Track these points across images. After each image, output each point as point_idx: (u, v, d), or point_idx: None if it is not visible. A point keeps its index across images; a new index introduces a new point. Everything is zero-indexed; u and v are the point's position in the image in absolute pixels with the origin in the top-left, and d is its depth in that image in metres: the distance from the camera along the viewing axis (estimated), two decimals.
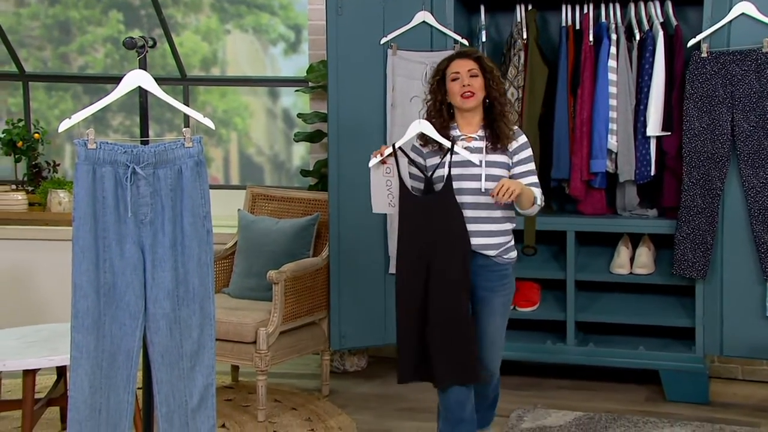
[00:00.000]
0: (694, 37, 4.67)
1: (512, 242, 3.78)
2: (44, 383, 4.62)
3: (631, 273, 4.95)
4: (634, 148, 4.87)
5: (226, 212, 5.53)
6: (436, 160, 3.68)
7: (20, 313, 5.64)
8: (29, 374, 3.99)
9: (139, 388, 3.03)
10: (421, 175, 3.70)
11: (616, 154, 4.88)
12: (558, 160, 4.93)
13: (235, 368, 5.17)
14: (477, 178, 3.62)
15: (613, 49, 4.84)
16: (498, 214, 3.68)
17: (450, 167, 3.59)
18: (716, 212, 4.67)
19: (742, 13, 4.58)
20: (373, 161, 3.66)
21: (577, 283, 4.97)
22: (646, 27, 4.89)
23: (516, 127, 3.74)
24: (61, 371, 4.31)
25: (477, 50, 3.85)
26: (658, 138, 4.85)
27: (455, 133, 3.71)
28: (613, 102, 4.86)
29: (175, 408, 2.96)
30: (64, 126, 2.93)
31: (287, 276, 4.66)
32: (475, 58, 3.72)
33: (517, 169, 3.69)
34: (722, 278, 4.72)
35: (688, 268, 4.73)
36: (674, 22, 4.85)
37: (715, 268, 4.72)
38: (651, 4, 4.89)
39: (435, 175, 3.65)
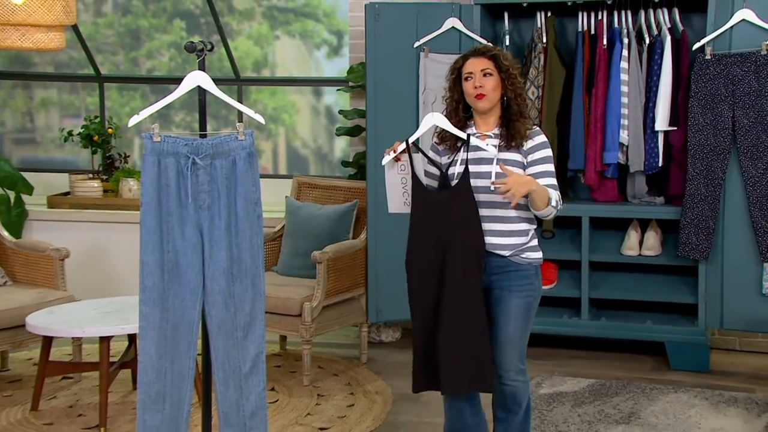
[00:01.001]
0: (699, 41, 4.62)
1: (533, 243, 3.24)
2: (117, 348, 4.67)
3: (639, 254, 4.91)
4: (644, 142, 4.83)
5: (274, 199, 5.55)
6: (449, 158, 3.24)
7: (96, 286, 5.71)
8: (105, 340, 4.06)
9: (198, 355, 3.05)
10: (437, 172, 3.22)
11: (627, 146, 4.84)
12: (574, 152, 4.90)
13: (283, 338, 5.20)
14: (490, 176, 3.15)
15: (624, 52, 4.79)
16: (512, 213, 3.18)
17: (467, 163, 3.14)
18: (718, 199, 4.62)
19: (743, 20, 4.52)
20: (387, 158, 3.20)
21: (591, 264, 4.95)
22: (655, 32, 4.83)
23: (536, 127, 3.24)
24: (131, 338, 4.36)
25: (494, 47, 3.28)
26: (666, 132, 4.80)
27: (471, 131, 3.24)
28: (624, 100, 4.81)
29: (230, 373, 2.98)
30: (133, 121, 2.95)
31: (329, 256, 4.67)
32: (491, 56, 3.19)
33: (531, 169, 3.18)
34: (723, 259, 4.67)
35: (692, 250, 4.68)
36: (680, 27, 4.79)
37: (716, 250, 4.67)
38: (659, 11, 4.83)
39: (448, 172, 3.19)
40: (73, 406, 4.34)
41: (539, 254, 3.27)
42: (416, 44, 4.91)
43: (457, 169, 3.17)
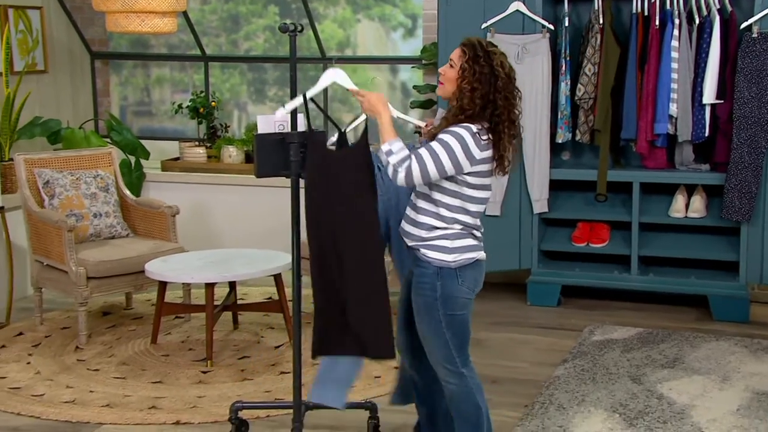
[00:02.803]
0: (746, 21, 4.45)
1: (439, 243, 2.68)
2: (220, 293, 4.77)
3: (686, 216, 4.82)
4: (692, 114, 4.70)
5: None
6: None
7: (202, 240, 5.82)
8: (209, 286, 4.15)
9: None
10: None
11: (676, 118, 4.72)
12: (627, 123, 4.80)
13: None
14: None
15: (675, 32, 4.66)
16: (420, 204, 2.72)
17: (366, 122, 2.74)
18: (760, 167, 4.49)
19: None
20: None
21: (641, 225, 4.87)
22: (705, 13, 4.67)
23: (465, 123, 2.65)
24: (232, 285, 4.45)
25: (475, 39, 2.71)
26: (713, 105, 4.67)
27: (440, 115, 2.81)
28: (674, 76, 4.69)
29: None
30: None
31: None
32: (461, 47, 2.70)
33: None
34: (764, 221, 4.56)
35: (735, 213, 4.57)
36: (729, 8, 4.63)
37: (757, 213, 4.56)
38: None
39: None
40: (185, 342, 4.50)
41: (443, 257, 2.68)
42: (483, 25, 4.86)
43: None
